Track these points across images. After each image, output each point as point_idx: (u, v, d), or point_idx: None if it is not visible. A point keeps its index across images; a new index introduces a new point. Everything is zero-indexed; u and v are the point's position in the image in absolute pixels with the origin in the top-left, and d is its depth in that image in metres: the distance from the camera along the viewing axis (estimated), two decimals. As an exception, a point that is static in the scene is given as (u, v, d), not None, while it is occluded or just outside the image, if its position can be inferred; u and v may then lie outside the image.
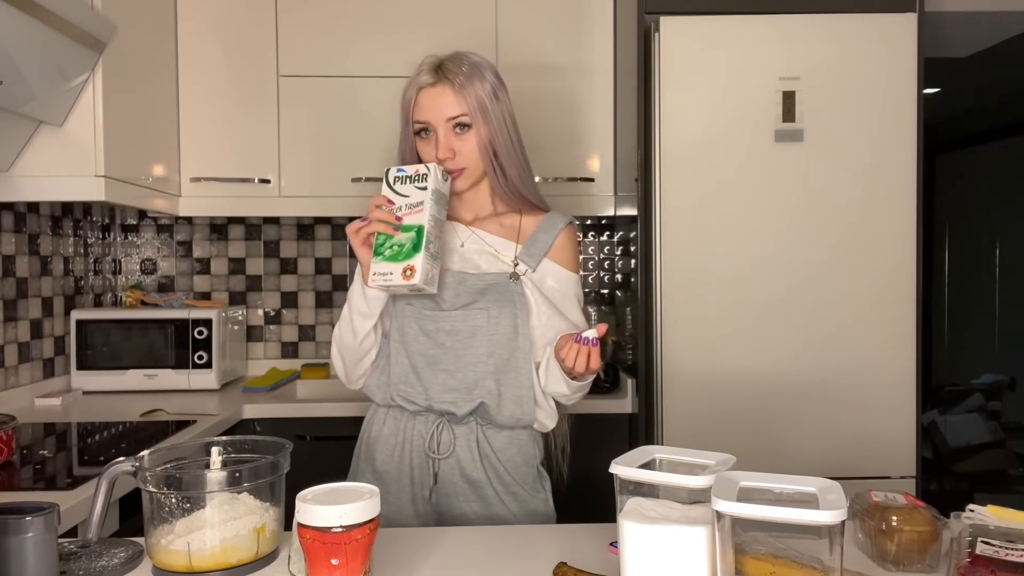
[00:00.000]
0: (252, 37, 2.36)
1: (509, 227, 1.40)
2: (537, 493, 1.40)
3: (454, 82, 1.30)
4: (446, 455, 1.35)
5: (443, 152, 1.31)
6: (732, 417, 2.03)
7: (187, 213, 2.35)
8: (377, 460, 1.39)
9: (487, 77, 1.33)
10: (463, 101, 1.30)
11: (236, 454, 1.03)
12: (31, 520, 0.83)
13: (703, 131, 2.02)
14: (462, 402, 1.33)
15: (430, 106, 1.32)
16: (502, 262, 1.37)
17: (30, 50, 1.52)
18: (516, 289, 1.34)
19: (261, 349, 2.71)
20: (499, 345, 1.33)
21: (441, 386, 1.34)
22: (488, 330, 1.33)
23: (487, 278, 1.35)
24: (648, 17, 2.09)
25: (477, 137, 1.32)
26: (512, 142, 1.35)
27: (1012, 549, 0.87)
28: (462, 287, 1.34)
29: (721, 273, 2.03)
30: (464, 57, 1.34)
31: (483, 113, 1.31)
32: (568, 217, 1.42)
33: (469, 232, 1.39)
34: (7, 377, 2.05)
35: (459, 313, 1.33)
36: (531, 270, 1.37)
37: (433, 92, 1.32)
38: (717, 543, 0.77)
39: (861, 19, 2.02)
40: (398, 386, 1.36)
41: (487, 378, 1.33)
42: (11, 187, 1.81)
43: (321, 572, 0.80)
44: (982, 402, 4.33)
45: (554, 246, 1.38)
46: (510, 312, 1.33)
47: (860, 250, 2.03)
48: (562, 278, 1.39)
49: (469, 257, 1.37)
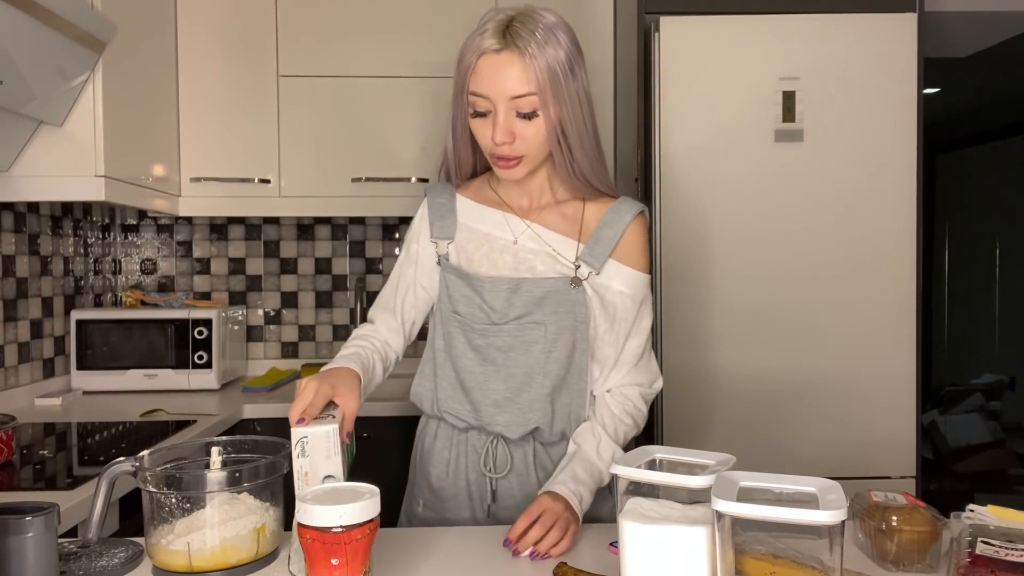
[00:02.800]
0: (252, 37, 2.36)
1: (572, 218, 1.21)
2: (604, 501, 1.24)
3: (525, 51, 1.07)
4: (502, 474, 1.21)
5: (501, 136, 1.10)
6: (732, 417, 2.03)
7: (187, 213, 2.35)
8: (432, 476, 1.27)
9: (563, 44, 1.10)
10: (532, 76, 1.08)
11: (236, 454, 1.03)
12: (31, 520, 0.83)
13: (703, 131, 2.02)
14: (515, 426, 1.19)
15: (492, 78, 1.09)
16: (561, 263, 1.18)
17: (30, 50, 1.52)
18: (577, 298, 1.16)
19: (261, 349, 2.71)
20: (557, 364, 1.17)
21: (492, 407, 1.19)
22: (545, 347, 1.16)
23: (545, 284, 1.16)
24: (648, 17, 2.09)
25: (545, 119, 1.11)
26: (585, 125, 1.14)
27: (1012, 549, 0.87)
28: (516, 296, 1.16)
29: (721, 273, 2.03)
30: (538, 18, 1.10)
31: (555, 90, 1.09)
32: (639, 206, 1.22)
33: (524, 226, 1.20)
34: (7, 377, 2.05)
35: (512, 326, 1.17)
36: (595, 272, 1.18)
37: (497, 60, 1.08)
38: (717, 543, 0.77)
39: (861, 19, 2.02)
40: (446, 401, 1.22)
41: (542, 400, 1.18)
42: (11, 187, 1.81)
43: (321, 572, 0.80)
44: (982, 402, 4.33)
45: (621, 242, 1.19)
46: (570, 326, 1.16)
47: (860, 250, 2.03)
48: (631, 281, 1.20)
49: (524, 257, 1.19)
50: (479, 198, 1.25)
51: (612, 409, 1.22)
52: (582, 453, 1.17)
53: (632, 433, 1.24)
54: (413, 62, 2.37)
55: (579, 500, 1.10)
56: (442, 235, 1.23)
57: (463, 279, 1.20)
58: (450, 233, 1.23)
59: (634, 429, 1.24)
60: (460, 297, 1.20)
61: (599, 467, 1.16)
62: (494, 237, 1.21)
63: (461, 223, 1.23)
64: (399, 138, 2.38)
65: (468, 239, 1.22)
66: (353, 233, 2.72)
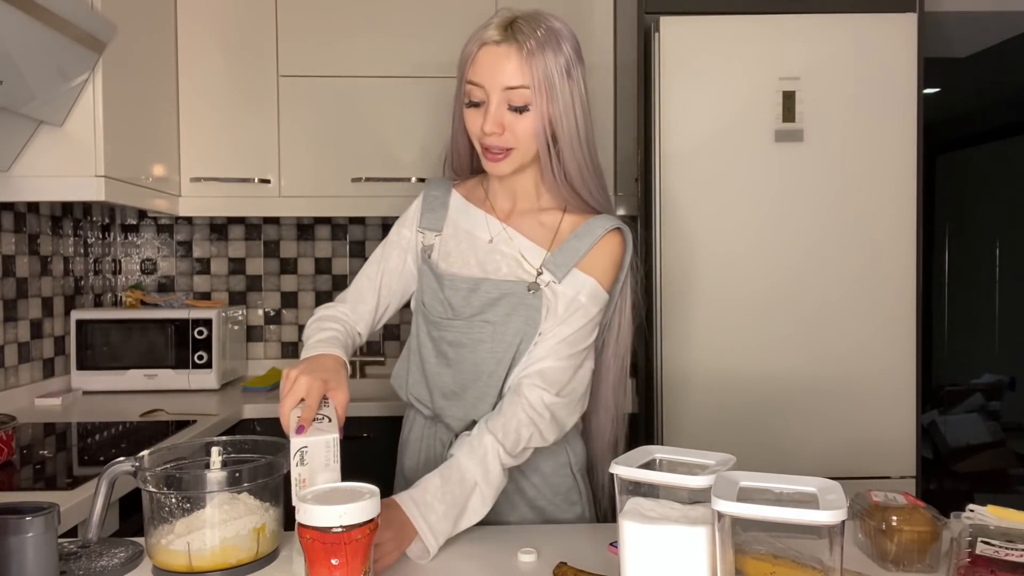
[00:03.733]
0: (252, 37, 2.36)
1: (548, 227, 1.22)
2: (571, 507, 1.26)
3: (523, 46, 1.10)
4: None
5: (491, 126, 1.12)
6: (732, 417, 2.03)
7: (187, 213, 2.35)
8: (406, 467, 1.30)
9: (563, 49, 1.12)
10: (527, 70, 1.10)
11: (236, 454, 1.03)
12: (31, 520, 0.83)
13: (703, 131, 2.02)
14: (459, 420, 1.21)
15: (489, 67, 1.11)
16: (524, 269, 1.19)
17: (30, 50, 1.52)
18: (532, 303, 1.17)
19: (261, 349, 2.71)
20: (501, 364, 1.18)
21: (443, 399, 1.22)
22: (490, 346, 1.18)
23: (503, 286, 1.18)
24: (648, 17, 2.09)
25: (537, 116, 1.12)
26: (578, 130, 1.15)
27: (1012, 549, 0.87)
28: (474, 295, 1.19)
29: (721, 273, 2.03)
30: (543, 19, 1.13)
31: (549, 89, 1.11)
32: (615, 223, 1.21)
33: (500, 228, 1.22)
34: (7, 377, 2.05)
35: (462, 324, 1.19)
36: (556, 281, 1.17)
37: (496, 52, 1.11)
38: (717, 543, 0.77)
39: (861, 19, 2.02)
40: (413, 386, 1.27)
41: (485, 400, 1.19)
42: (11, 187, 1.81)
43: (321, 572, 0.79)
44: (982, 402, 4.33)
45: (588, 255, 1.18)
46: (519, 329, 1.17)
47: (860, 250, 2.03)
48: (586, 288, 1.18)
49: (492, 258, 1.21)
50: (470, 196, 1.28)
51: (505, 408, 1.14)
52: (454, 461, 1.10)
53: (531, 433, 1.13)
54: (413, 62, 2.37)
55: (418, 507, 1.03)
56: (430, 227, 1.26)
57: (433, 273, 1.23)
58: (438, 226, 1.25)
59: (530, 427, 1.13)
60: (428, 289, 1.23)
61: (467, 473, 1.08)
62: (472, 235, 1.23)
63: (450, 218, 1.26)
64: (399, 138, 2.38)
65: (451, 234, 1.25)
66: (353, 233, 2.72)
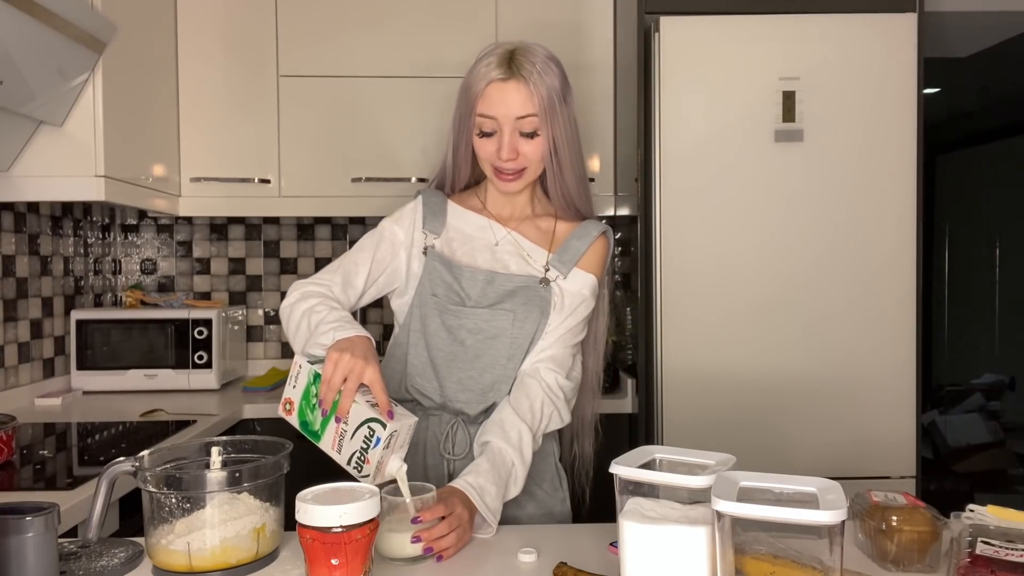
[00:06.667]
0: (252, 37, 2.36)
1: (544, 231, 1.37)
2: (555, 492, 1.38)
3: (528, 79, 1.23)
4: (461, 456, 1.31)
5: (507, 152, 1.26)
6: (732, 417, 2.03)
7: (187, 213, 2.35)
8: None
9: (557, 75, 1.27)
10: (535, 100, 1.24)
11: (236, 454, 1.03)
12: (31, 520, 0.83)
13: (703, 131, 2.02)
14: (475, 403, 1.31)
15: (500, 102, 1.24)
16: (532, 267, 1.33)
17: (30, 50, 1.52)
18: (544, 295, 1.31)
19: (261, 349, 2.71)
20: (520, 349, 1.30)
21: (457, 385, 1.31)
22: (512, 333, 1.30)
23: (516, 280, 1.31)
24: (648, 17, 2.09)
25: (544, 138, 1.27)
26: (573, 147, 1.31)
27: (1012, 549, 0.87)
28: (491, 286, 1.31)
29: (721, 273, 2.03)
30: (536, 50, 1.26)
31: (551, 113, 1.25)
32: (603, 227, 1.39)
33: (505, 232, 1.36)
34: (7, 377, 2.05)
35: (484, 312, 1.30)
36: (562, 277, 1.33)
37: (504, 87, 1.24)
38: (717, 543, 0.77)
39: (861, 19, 2.02)
40: (414, 378, 1.33)
41: (504, 382, 1.31)
42: (11, 187, 1.81)
43: (321, 572, 0.80)
44: (982, 402, 4.33)
45: (587, 254, 1.35)
46: (536, 317, 1.30)
47: (860, 250, 2.03)
48: (588, 283, 1.35)
49: (500, 257, 1.34)
50: (466, 205, 1.39)
51: (528, 391, 1.29)
52: (492, 446, 1.23)
53: (551, 412, 1.29)
54: (413, 62, 2.37)
55: (479, 493, 1.13)
56: (432, 229, 1.35)
57: (446, 266, 1.32)
58: (439, 229, 1.36)
59: (551, 407, 1.29)
60: (440, 282, 1.32)
61: (506, 454, 1.21)
62: (476, 238, 1.35)
63: (449, 223, 1.37)
64: (399, 138, 2.38)
65: (453, 236, 1.36)
66: (353, 233, 2.72)
